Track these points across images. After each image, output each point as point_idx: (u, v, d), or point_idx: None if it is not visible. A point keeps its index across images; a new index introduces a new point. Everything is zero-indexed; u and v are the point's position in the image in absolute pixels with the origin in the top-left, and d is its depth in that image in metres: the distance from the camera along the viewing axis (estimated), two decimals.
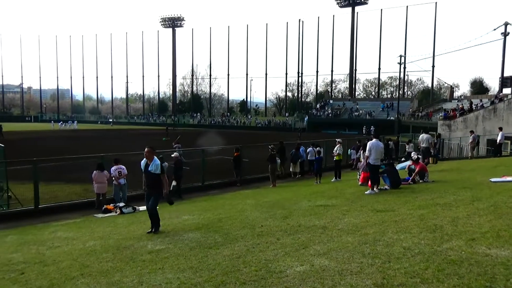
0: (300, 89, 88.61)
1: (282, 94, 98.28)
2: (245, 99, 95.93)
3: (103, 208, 11.42)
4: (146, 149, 7.20)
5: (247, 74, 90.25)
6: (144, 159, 7.20)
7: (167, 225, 7.62)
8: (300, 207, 8.51)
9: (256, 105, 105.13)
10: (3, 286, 4.57)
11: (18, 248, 6.82)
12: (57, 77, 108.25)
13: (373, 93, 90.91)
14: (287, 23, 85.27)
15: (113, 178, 12.14)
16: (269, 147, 16.18)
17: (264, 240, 5.65)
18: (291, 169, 18.39)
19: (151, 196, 7.17)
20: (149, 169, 7.06)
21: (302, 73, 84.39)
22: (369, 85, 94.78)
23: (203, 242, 5.86)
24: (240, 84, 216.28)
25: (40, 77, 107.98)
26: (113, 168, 12.23)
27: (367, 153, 10.03)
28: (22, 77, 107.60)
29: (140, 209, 11.13)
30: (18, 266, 5.44)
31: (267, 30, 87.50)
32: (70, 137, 43.68)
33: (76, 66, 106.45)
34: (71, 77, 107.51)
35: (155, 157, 7.20)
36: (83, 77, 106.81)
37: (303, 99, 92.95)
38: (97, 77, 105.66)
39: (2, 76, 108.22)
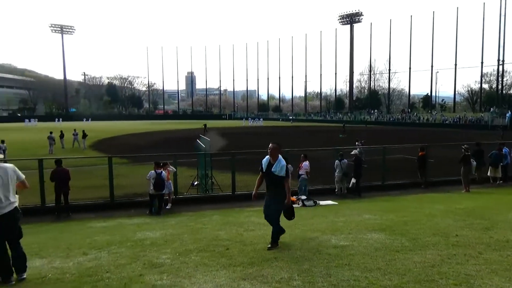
0: (501, 79, 74.86)
1: (475, 87, 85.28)
2: (429, 94, 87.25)
3: None
4: (271, 145, 5.86)
5: (432, 66, 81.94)
6: (267, 156, 5.92)
7: (349, 222, 7.67)
8: (506, 219, 7.23)
9: (443, 99, 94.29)
10: (215, 257, 5.45)
11: (222, 227, 8.03)
12: (247, 80, 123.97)
13: None
14: (484, 3, 73.22)
15: (304, 172, 12.96)
16: (463, 147, 14.26)
17: (461, 251, 5.04)
18: (489, 173, 15.76)
19: (273, 204, 5.91)
20: (272, 169, 5.81)
21: (503, 61, 71.24)
22: None
23: (389, 244, 5.64)
24: (423, 78, 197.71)
25: (233, 80, 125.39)
26: (305, 163, 13.06)
27: None
28: (220, 81, 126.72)
29: (321, 203, 11.58)
30: (223, 242, 6.40)
31: (457, 15, 77.20)
32: (257, 133, 48.92)
33: (261, 69, 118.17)
34: (257, 79, 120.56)
35: (280, 156, 5.93)
36: (268, 79, 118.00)
37: (504, 92, 78.19)
38: (279, 78, 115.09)
39: (206, 81, 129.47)
